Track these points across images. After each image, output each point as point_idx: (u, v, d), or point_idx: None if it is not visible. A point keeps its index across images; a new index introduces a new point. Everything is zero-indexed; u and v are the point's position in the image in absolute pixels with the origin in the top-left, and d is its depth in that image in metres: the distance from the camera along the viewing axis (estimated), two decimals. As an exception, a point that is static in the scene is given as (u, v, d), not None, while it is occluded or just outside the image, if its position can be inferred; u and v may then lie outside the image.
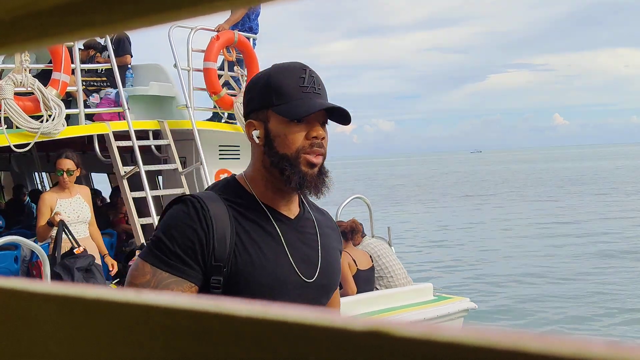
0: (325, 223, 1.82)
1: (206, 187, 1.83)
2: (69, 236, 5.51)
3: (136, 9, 0.33)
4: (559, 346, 0.22)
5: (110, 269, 5.85)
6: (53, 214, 5.57)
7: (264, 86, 1.65)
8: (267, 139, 1.64)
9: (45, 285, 0.39)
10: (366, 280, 6.23)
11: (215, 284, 1.57)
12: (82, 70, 6.58)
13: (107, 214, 8.59)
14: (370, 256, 6.42)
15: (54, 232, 5.58)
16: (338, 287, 1.83)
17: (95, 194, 9.31)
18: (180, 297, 0.33)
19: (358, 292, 6.09)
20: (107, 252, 6.00)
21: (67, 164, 5.61)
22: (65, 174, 5.60)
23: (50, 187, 11.20)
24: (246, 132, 1.70)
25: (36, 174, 12.63)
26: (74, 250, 5.48)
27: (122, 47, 7.19)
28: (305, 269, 1.66)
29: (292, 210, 1.71)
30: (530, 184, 45.45)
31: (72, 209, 5.66)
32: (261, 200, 1.67)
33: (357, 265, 6.16)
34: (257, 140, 1.65)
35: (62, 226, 5.50)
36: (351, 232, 6.36)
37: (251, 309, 0.29)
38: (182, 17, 0.33)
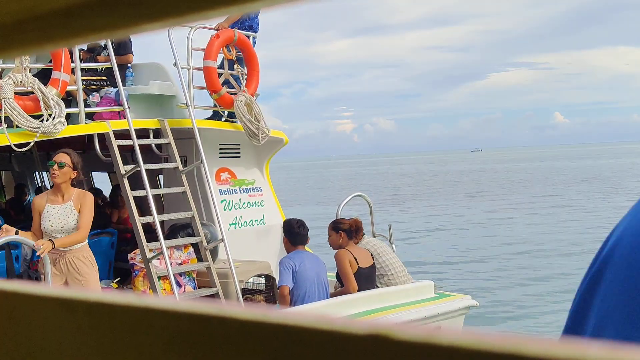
0: None
1: (207, 186, 1.36)
2: None
3: (137, 12, 0.33)
4: (557, 349, 0.23)
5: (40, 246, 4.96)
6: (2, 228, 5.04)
7: None
8: None
9: (47, 288, 0.39)
10: (367, 278, 6.24)
11: None
12: (82, 69, 6.58)
13: (107, 212, 8.59)
14: (371, 254, 6.43)
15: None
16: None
17: (96, 193, 9.30)
18: (181, 300, 0.33)
19: (359, 289, 6.10)
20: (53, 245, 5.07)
21: (61, 156, 5.22)
22: (56, 165, 5.18)
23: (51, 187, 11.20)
24: None
25: (37, 173, 12.63)
26: None
27: (124, 46, 7.19)
28: None
29: None
30: (532, 182, 45.43)
31: (58, 217, 5.18)
32: None
33: (358, 263, 6.17)
34: None
35: None
36: (355, 231, 6.38)
37: (252, 312, 0.29)
38: (182, 21, 0.33)
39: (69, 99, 6.76)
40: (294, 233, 6.20)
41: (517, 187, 40.25)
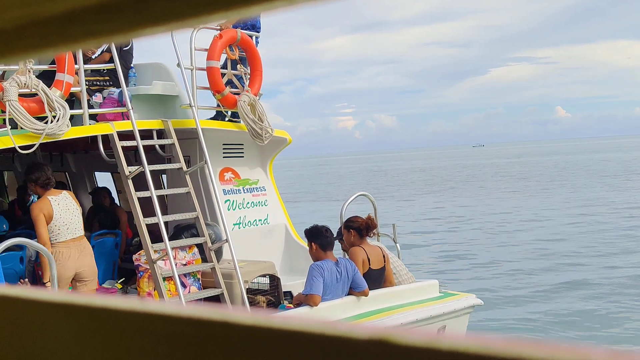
0: None
1: (211, 186, 1.60)
2: None
3: (136, 18, 0.33)
4: (560, 354, 0.23)
5: None
6: None
7: None
8: None
9: (52, 293, 0.39)
10: (376, 280, 6.19)
11: None
12: (85, 70, 6.58)
13: (118, 212, 8.54)
14: (383, 255, 6.35)
15: None
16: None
17: (105, 191, 9.26)
18: (184, 303, 0.33)
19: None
20: None
21: None
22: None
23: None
24: None
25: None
26: None
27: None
28: None
29: None
30: (533, 179, 45.34)
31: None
32: None
33: (370, 264, 6.13)
34: None
35: None
36: (366, 229, 6.31)
37: (255, 317, 0.29)
38: (182, 26, 0.33)
39: (72, 100, 6.76)
40: (324, 237, 5.96)
41: (518, 183, 40.19)
